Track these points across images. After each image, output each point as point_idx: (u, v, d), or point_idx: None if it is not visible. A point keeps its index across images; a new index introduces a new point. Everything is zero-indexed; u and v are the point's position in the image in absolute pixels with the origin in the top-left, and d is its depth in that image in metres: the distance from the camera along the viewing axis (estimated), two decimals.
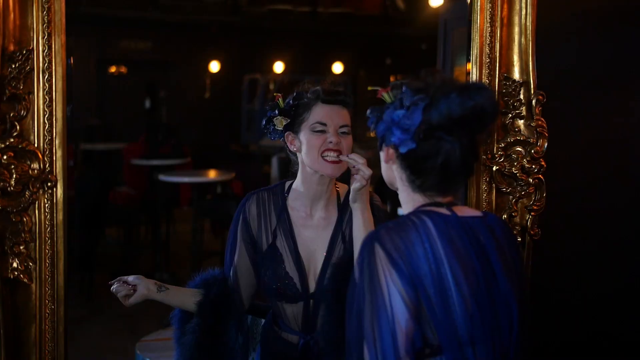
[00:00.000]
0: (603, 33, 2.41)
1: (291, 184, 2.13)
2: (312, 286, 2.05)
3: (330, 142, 1.99)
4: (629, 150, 2.49)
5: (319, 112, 2.01)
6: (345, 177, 2.18)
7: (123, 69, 10.38)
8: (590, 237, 2.42)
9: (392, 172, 1.49)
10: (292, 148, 2.07)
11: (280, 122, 2.05)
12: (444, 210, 1.41)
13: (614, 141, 2.46)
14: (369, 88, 1.52)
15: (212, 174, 6.32)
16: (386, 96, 1.45)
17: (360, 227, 1.98)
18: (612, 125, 2.45)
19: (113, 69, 10.33)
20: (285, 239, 2.08)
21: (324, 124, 2.00)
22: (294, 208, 2.10)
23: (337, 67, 10.00)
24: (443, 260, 1.32)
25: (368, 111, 1.48)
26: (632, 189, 2.46)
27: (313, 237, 2.08)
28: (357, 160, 1.95)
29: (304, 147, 2.02)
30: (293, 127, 2.05)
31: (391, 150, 1.45)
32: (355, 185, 1.95)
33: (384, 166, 1.51)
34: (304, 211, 2.09)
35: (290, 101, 2.04)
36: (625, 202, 2.45)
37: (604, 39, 2.41)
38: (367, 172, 1.94)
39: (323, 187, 2.07)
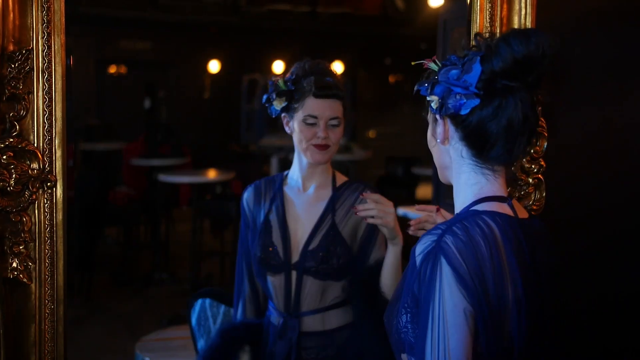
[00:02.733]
0: (603, 33, 2.41)
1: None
2: (295, 257, 2.10)
3: (319, 137, 2.07)
4: (630, 150, 2.48)
5: (311, 105, 2.08)
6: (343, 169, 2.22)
7: (122, 69, 10.37)
8: (590, 238, 2.42)
9: (447, 157, 1.40)
10: (287, 130, 2.16)
11: (278, 103, 2.13)
12: (507, 209, 1.35)
13: (614, 141, 2.46)
14: (413, 63, 1.43)
15: (211, 174, 6.32)
16: (433, 65, 1.38)
17: (390, 268, 2.03)
18: (612, 125, 2.45)
19: (112, 69, 10.33)
20: (276, 211, 2.16)
21: (315, 117, 2.08)
22: (289, 185, 2.19)
23: (337, 67, 10.01)
24: (506, 275, 1.27)
25: (417, 85, 1.39)
26: (632, 189, 2.46)
27: (303, 210, 2.15)
28: (369, 210, 1.96)
29: (296, 135, 2.12)
30: (288, 110, 2.13)
31: (447, 124, 1.37)
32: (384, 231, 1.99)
33: (438, 152, 1.42)
34: (297, 187, 2.18)
35: (290, 84, 2.11)
36: (626, 202, 2.45)
37: (604, 39, 2.41)
38: (387, 216, 1.96)
39: (316, 168, 2.15)
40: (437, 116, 1.38)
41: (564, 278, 1.51)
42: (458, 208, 1.39)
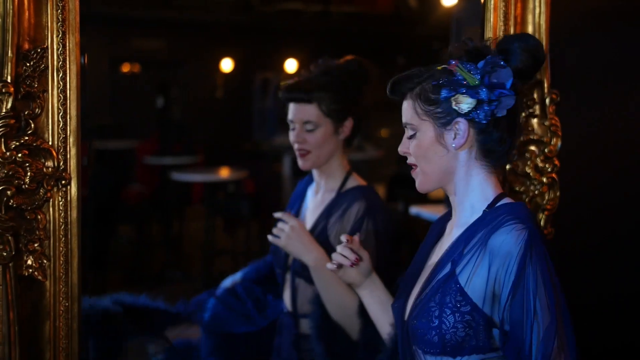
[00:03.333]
0: (618, 31, 2.39)
1: None
2: (290, 259, 2.13)
3: (294, 142, 2.07)
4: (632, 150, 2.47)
5: (289, 110, 2.08)
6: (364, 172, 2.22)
7: (136, 68, 10.40)
8: (604, 237, 2.41)
9: (455, 161, 1.43)
10: None
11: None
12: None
13: (628, 140, 2.44)
14: (439, 68, 1.47)
15: (224, 173, 6.33)
16: (459, 69, 1.41)
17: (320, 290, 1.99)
18: (627, 124, 2.44)
19: (126, 68, 10.36)
20: (296, 211, 2.21)
21: (292, 122, 2.06)
22: (312, 186, 2.23)
23: None
24: None
25: (445, 92, 1.40)
26: None
27: (309, 214, 2.17)
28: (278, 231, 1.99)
29: None
30: None
31: (469, 128, 1.40)
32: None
33: (444, 158, 1.44)
34: (313, 189, 2.21)
35: None
36: None
37: (620, 37, 2.40)
38: (280, 234, 1.98)
39: (321, 173, 2.16)
40: (459, 121, 1.39)
41: (575, 277, 1.61)
42: (477, 206, 1.42)
